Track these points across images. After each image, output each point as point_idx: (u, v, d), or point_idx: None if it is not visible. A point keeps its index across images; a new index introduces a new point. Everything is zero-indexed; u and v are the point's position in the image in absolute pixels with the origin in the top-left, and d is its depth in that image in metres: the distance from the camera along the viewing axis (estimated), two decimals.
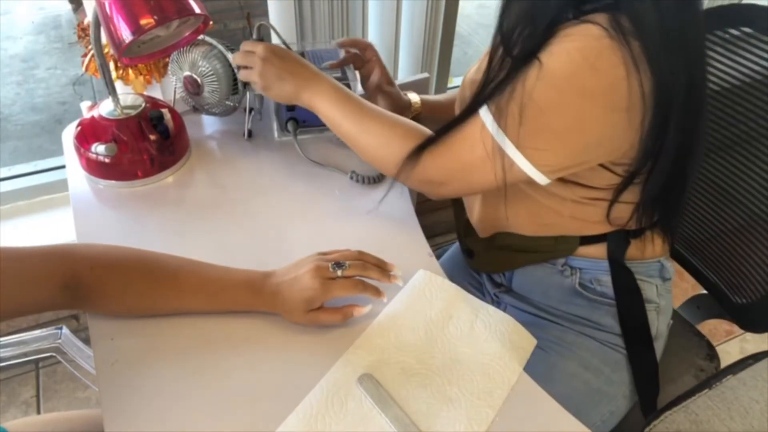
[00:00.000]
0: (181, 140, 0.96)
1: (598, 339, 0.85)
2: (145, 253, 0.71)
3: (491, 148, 0.69)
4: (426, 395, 0.66)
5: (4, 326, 1.43)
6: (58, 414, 0.86)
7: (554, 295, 0.88)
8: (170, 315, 0.71)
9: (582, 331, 0.85)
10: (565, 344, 0.85)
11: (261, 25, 0.91)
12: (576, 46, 0.62)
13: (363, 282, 0.71)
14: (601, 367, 0.84)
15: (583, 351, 0.85)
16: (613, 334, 0.85)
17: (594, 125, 0.65)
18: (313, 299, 0.69)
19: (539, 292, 0.89)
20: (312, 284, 0.68)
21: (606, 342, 0.85)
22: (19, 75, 2.76)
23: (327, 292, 0.69)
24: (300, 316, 0.70)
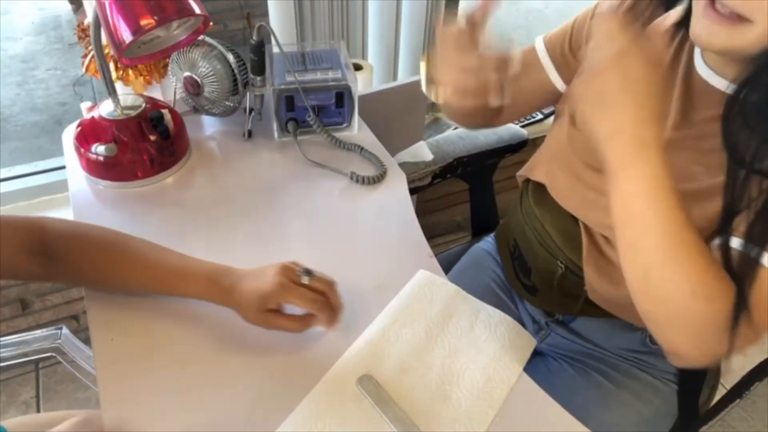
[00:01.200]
0: (181, 141, 0.96)
1: (650, 373, 0.85)
2: (112, 232, 0.73)
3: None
4: (426, 395, 0.66)
5: (4, 326, 1.43)
6: (57, 413, 0.86)
7: (618, 343, 0.87)
8: (170, 315, 0.71)
9: (637, 365, 0.86)
10: (620, 373, 0.85)
11: (261, 26, 0.91)
12: None
13: (322, 302, 0.67)
14: (652, 399, 0.84)
15: (637, 382, 0.85)
16: (667, 371, 0.85)
17: None
18: (270, 296, 0.65)
19: (602, 337, 0.88)
20: (273, 280, 0.65)
21: (658, 376, 0.85)
22: (19, 75, 2.76)
23: (285, 293, 0.65)
24: (254, 314, 0.66)
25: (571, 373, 0.87)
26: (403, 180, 0.96)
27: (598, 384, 0.85)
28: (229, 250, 0.83)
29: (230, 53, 0.95)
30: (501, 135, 1.13)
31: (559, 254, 0.83)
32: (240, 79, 0.96)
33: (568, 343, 0.90)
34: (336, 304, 0.69)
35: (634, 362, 0.86)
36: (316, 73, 0.99)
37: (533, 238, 0.87)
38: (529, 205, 0.88)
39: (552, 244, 0.84)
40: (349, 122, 1.04)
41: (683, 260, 0.52)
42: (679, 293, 0.52)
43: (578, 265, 0.80)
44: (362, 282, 0.79)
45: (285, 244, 0.85)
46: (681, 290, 0.52)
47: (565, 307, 0.87)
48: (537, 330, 0.93)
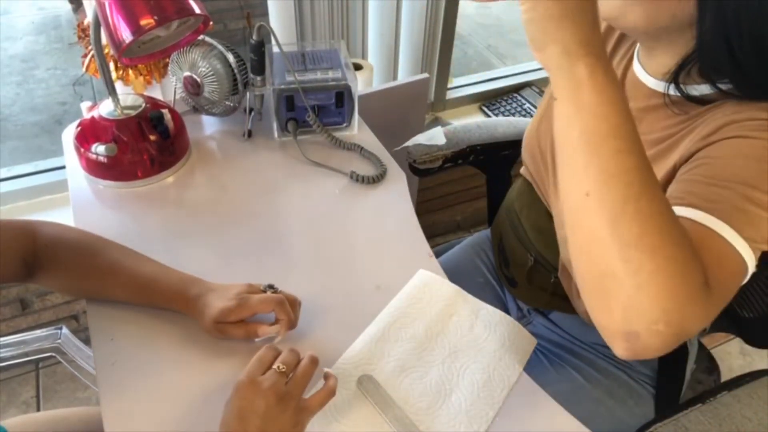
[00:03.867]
0: (181, 140, 0.96)
1: (627, 372, 0.85)
2: (95, 239, 0.74)
3: None
4: (426, 395, 0.66)
5: (4, 326, 1.43)
6: (57, 412, 0.86)
7: (595, 339, 0.87)
8: (170, 315, 0.71)
9: (614, 363, 0.86)
10: (595, 369, 0.86)
11: (261, 26, 0.91)
12: None
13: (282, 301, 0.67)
14: (625, 398, 0.84)
15: (612, 380, 0.85)
16: (645, 374, 0.85)
17: None
18: (230, 310, 0.66)
19: (579, 331, 0.89)
20: (235, 295, 0.67)
21: (635, 377, 0.85)
22: (18, 75, 2.76)
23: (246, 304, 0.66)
24: (210, 325, 0.67)
25: (545, 364, 0.87)
26: (403, 179, 0.96)
27: (570, 378, 0.85)
28: (229, 249, 0.83)
29: (230, 53, 0.95)
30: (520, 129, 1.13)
31: (531, 247, 0.86)
32: (240, 79, 0.96)
33: (549, 332, 0.91)
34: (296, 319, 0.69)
35: (611, 360, 0.86)
36: (316, 72, 0.99)
37: (510, 231, 0.91)
38: (513, 199, 0.92)
39: (525, 237, 0.87)
40: (349, 122, 1.03)
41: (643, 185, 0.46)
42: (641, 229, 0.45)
43: (548, 259, 0.83)
44: (362, 282, 0.79)
45: (285, 244, 0.85)
46: (647, 224, 0.45)
47: (538, 301, 0.90)
48: (520, 317, 0.96)
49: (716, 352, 1.25)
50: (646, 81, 0.68)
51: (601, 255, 0.46)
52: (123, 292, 0.72)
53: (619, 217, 0.45)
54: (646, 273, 0.44)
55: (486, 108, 1.88)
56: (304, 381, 0.60)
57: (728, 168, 0.53)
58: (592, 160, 0.46)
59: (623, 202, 0.45)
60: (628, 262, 0.45)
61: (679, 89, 0.62)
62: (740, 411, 0.70)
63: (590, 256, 0.47)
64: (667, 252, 0.45)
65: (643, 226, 0.45)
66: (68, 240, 0.72)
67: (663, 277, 0.44)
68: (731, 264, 0.50)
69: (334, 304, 0.76)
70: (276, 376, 0.58)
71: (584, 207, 0.47)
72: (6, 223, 0.68)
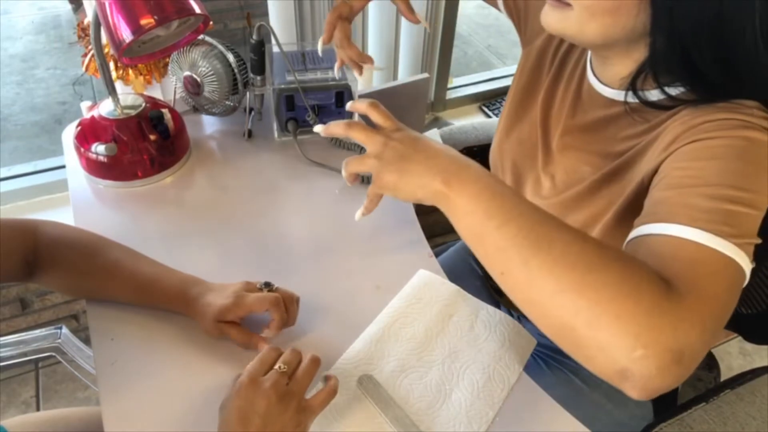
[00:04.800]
0: (181, 140, 0.96)
1: None
2: (97, 239, 0.74)
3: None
4: (426, 395, 0.66)
5: (4, 326, 1.43)
6: (57, 411, 0.86)
7: None
8: (170, 315, 0.71)
9: None
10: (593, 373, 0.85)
11: (261, 26, 0.91)
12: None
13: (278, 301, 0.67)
14: (625, 401, 0.83)
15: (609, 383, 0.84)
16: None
17: None
18: (227, 309, 0.66)
19: None
20: (232, 293, 0.67)
21: None
22: (19, 75, 2.75)
23: (243, 303, 0.66)
24: (209, 324, 0.67)
25: (544, 369, 0.87)
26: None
27: (568, 382, 0.84)
28: (229, 249, 0.83)
29: (230, 53, 0.95)
30: None
31: None
32: (240, 79, 0.96)
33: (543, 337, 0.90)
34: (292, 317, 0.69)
35: None
36: (316, 72, 0.99)
37: None
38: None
39: None
40: None
41: (558, 255, 0.46)
42: (566, 293, 0.45)
43: None
44: (362, 282, 0.79)
45: (285, 244, 0.85)
46: (566, 289, 0.45)
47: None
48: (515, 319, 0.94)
49: (716, 352, 1.25)
50: (603, 91, 0.68)
51: (543, 315, 0.47)
52: (123, 292, 0.72)
53: (530, 276, 0.46)
54: (585, 310, 0.44)
55: (486, 108, 1.88)
56: (306, 381, 0.60)
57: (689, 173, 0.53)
58: (481, 245, 0.50)
59: (524, 264, 0.46)
60: (564, 308, 0.45)
61: (637, 96, 0.62)
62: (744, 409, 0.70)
63: (541, 320, 0.48)
64: (594, 281, 0.44)
65: (554, 271, 0.45)
66: (69, 239, 0.72)
67: (604, 305, 0.44)
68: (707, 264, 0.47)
69: (334, 304, 0.76)
70: (277, 376, 0.58)
71: (505, 283, 0.49)
72: (7, 222, 0.68)
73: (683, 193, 0.51)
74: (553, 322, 0.47)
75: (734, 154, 0.52)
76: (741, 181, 0.50)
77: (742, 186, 0.50)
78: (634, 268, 0.45)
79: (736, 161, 0.51)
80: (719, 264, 0.48)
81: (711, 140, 0.54)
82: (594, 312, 0.44)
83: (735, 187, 0.50)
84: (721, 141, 0.53)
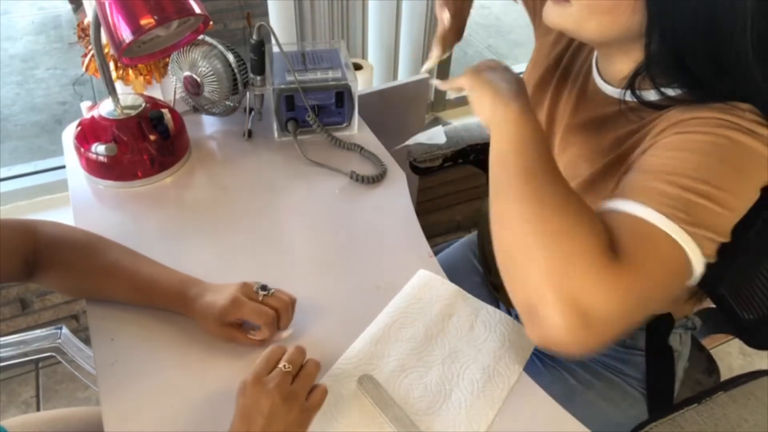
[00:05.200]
0: (181, 140, 0.96)
1: (619, 376, 0.85)
2: (96, 239, 0.74)
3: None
4: (426, 395, 0.66)
5: (4, 326, 1.43)
6: (57, 411, 0.86)
7: None
8: (170, 315, 0.71)
9: (606, 366, 0.85)
10: (587, 372, 0.85)
11: (261, 26, 0.91)
12: None
13: (272, 317, 0.67)
14: (618, 401, 0.84)
15: (604, 382, 0.84)
16: (635, 378, 0.85)
17: None
18: (225, 311, 0.66)
19: None
20: (229, 296, 0.67)
21: (627, 380, 0.85)
22: (19, 75, 2.76)
23: (239, 308, 0.66)
24: (212, 327, 0.67)
25: (539, 367, 0.87)
26: (403, 179, 0.96)
27: (563, 380, 0.84)
28: (228, 249, 0.83)
29: (230, 53, 0.95)
30: None
31: None
32: (240, 79, 0.96)
33: None
34: (284, 324, 0.69)
35: (603, 363, 0.85)
36: (316, 72, 0.99)
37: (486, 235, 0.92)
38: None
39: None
40: (349, 122, 1.04)
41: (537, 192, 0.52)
42: (524, 224, 0.51)
43: None
44: (362, 282, 0.79)
45: (285, 244, 0.85)
46: (525, 221, 0.51)
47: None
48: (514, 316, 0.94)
49: (716, 352, 1.24)
50: (605, 88, 0.69)
51: (502, 235, 0.54)
52: (122, 292, 0.72)
53: (508, 198, 0.54)
54: (531, 241, 0.50)
55: None
56: (309, 381, 0.60)
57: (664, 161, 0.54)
58: (496, 171, 0.59)
59: (509, 188, 0.55)
60: (518, 234, 0.51)
61: (635, 95, 0.63)
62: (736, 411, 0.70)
63: (498, 239, 0.54)
64: (553, 222, 0.50)
65: (527, 200, 0.52)
66: (69, 239, 0.72)
67: (546, 244, 0.49)
68: (651, 242, 0.49)
69: (334, 304, 0.76)
70: (281, 376, 0.58)
71: (491, 205, 0.57)
72: (6, 222, 0.68)
73: (653, 177, 0.53)
74: (505, 243, 0.53)
75: (714, 151, 0.53)
76: (713, 178, 0.51)
77: (714, 183, 0.51)
78: (592, 230, 0.49)
79: (713, 158, 0.52)
80: (665, 245, 0.49)
81: (694, 134, 0.54)
82: (535, 245, 0.49)
83: (705, 182, 0.51)
84: (704, 137, 0.54)
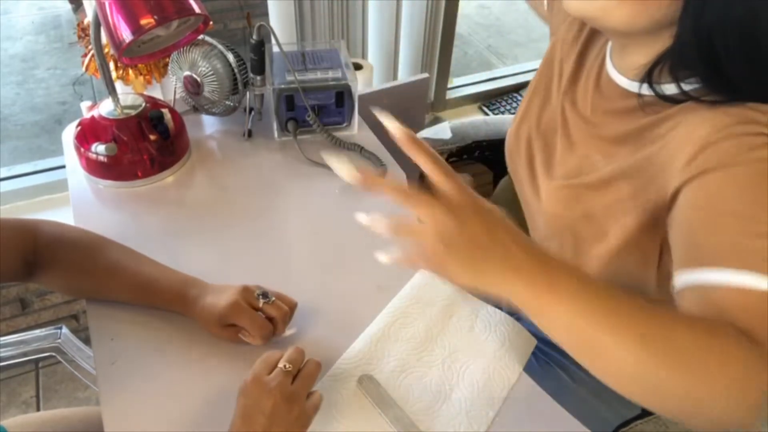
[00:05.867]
0: (181, 140, 0.96)
1: None
2: (96, 239, 0.74)
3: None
4: (426, 395, 0.66)
5: (4, 326, 1.43)
6: (57, 411, 0.86)
7: None
8: (170, 315, 0.71)
9: None
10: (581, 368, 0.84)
11: (261, 26, 0.91)
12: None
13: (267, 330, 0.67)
14: (611, 400, 0.83)
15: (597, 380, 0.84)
16: None
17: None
18: (224, 314, 0.66)
19: None
20: (229, 299, 0.66)
21: None
22: (19, 75, 2.75)
23: (238, 314, 0.66)
24: (214, 328, 0.68)
25: (532, 362, 0.85)
26: (404, 179, 0.96)
27: (555, 376, 0.84)
28: (229, 249, 0.83)
29: (230, 53, 0.95)
30: None
31: None
32: (240, 79, 0.96)
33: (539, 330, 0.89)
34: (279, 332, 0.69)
35: None
36: (316, 72, 0.99)
37: None
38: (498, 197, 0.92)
39: None
40: (349, 122, 1.03)
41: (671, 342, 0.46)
42: (688, 379, 0.45)
43: None
44: (362, 282, 0.79)
45: (285, 244, 0.85)
46: (687, 375, 0.45)
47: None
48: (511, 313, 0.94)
49: None
50: (618, 80, 0.68)
51: (654, 396, 0.47)
52: (123, 292, 0.72)
53: (643, 369, 0.46)
54: (694, 391, 0.45)
55: (486, 108, 1.88)
56: (310, 382, 0.60)
57: (720, 208, 0.51)
58: (590, 352, 0.49)
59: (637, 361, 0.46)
60: (676, 393, 0.46)
61: (652, 87, 0.61)
62: None
63: (651, 400, 0.48)
64: (697, 367, 0.45)
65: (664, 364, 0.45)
66: (69, 239, 0.72)
67: (709, 385, 0.45)
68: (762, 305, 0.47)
69: (334, 304, 0.76)
70: (282, 376, 0.58)
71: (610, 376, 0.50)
72: (6, 221, 0.68)
73: (722, 232, 0.50)
74: (668, 404, 0.47)
75: (761, 182, 0.51)
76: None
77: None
78: (721, 339, 0.46)
79: (764, 190, 0.50)
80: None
81: (735, 168, 0.52)
82: (702, 392, 0.45)
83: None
84: (745, 169, 0.51)
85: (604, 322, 0.45)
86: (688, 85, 0.59)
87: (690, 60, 0.57)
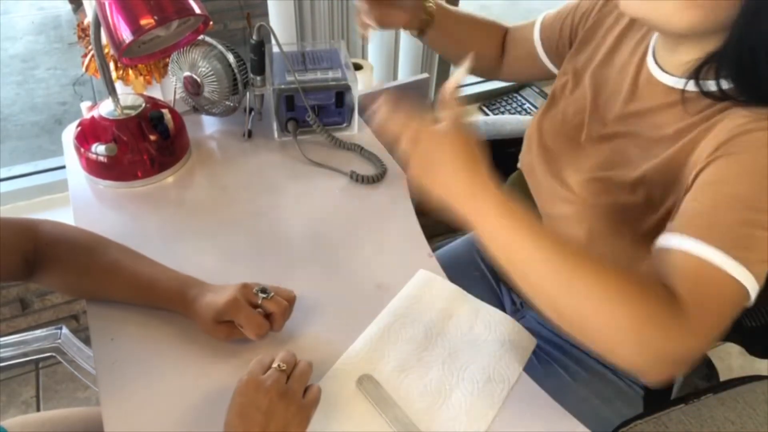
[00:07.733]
0: (181, 140, 0.96)
1: (616, 373, 0.84)
2: (96, 238, 0.74)
3: None
4: (426, 395, 0.66)
5: (4, 326, 1.43)
6: (57, 412, 0.86)
7: None
8: (170, 315, 0.71)
9: (603, 363, 0.85)
10: (583, 368, 0.85)
11: (261, 26, 0.91)
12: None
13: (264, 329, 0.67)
14: (612, 399, 0.83)
15: (599, 378, 0.84)
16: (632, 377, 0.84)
17: None
18: (222, 311, 0.66)
19: None
20: (228, 297, 0.66)
21: (624, 378, 0.84)
22: (19, 75, 2.75)
23: (236, 311, 0.66)
24: (208, 326, 0.67)
25: (533, 361, 0.86)
26: (404, 179, 0.96)
27: (556, 375, 0.84)
28: (229, 249, 0.83)
29: (230, 53, 0.95)
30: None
31: None
32: (240, 79, 0.96)
33: (541, 328, 0.90)
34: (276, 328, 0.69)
35: (599, 360, 0.85)
36: (316, 72, 0.99)
37: None
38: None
39: None
40: (349, 122, 1.04)
41: (577, 272, 0.53)
42: (590, 305, 0.53)
43: None
44: (362, 282, 0.79)
45: (285, 244, 0.85)
46: (592, 300, 0.53)
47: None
48: (514, 311, 0.95)
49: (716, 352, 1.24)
50: (662, 78, 0.68)
51: (562, 316, 0.56)
52: (123, 292, 0.72)
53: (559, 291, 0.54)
54: (605, 320, 0.53)
55: (486, 108, 1.88)
56: (304, 380, 0.60)
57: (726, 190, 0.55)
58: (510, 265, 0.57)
59: (556, 283, 0.54)
60: (587, 316, 0.54)
61: (698, 85, 0.62)
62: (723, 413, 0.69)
63: (559, 319, 0.56)
64: (614, 300, 0.52)
65: (581, 288, 0.53)
66: (69, 239, 0.72)
67: (620, 320, 0.52)
68: (717, 285, 0.53)
69: (334, 304, 0.76)
70: (277, 374, 0.58)
71: (529, 290, 0.57)
72: (7, 222, 0.68)
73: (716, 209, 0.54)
74: (574, 325, 0.55)
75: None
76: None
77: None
78: (647, 290, 0.52)
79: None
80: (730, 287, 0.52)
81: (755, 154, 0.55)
82: (613, 324, 0.52)
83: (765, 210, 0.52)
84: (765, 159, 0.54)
85: (521, 240, 0.55)
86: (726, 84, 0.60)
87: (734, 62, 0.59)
